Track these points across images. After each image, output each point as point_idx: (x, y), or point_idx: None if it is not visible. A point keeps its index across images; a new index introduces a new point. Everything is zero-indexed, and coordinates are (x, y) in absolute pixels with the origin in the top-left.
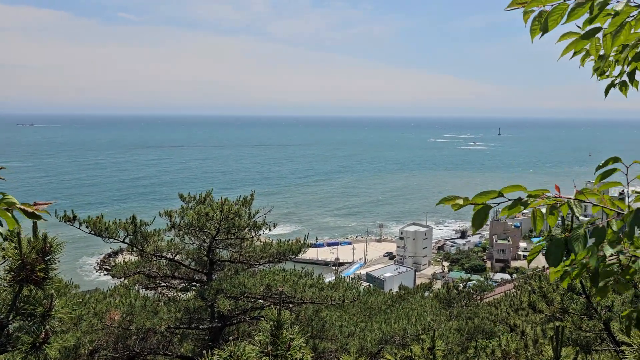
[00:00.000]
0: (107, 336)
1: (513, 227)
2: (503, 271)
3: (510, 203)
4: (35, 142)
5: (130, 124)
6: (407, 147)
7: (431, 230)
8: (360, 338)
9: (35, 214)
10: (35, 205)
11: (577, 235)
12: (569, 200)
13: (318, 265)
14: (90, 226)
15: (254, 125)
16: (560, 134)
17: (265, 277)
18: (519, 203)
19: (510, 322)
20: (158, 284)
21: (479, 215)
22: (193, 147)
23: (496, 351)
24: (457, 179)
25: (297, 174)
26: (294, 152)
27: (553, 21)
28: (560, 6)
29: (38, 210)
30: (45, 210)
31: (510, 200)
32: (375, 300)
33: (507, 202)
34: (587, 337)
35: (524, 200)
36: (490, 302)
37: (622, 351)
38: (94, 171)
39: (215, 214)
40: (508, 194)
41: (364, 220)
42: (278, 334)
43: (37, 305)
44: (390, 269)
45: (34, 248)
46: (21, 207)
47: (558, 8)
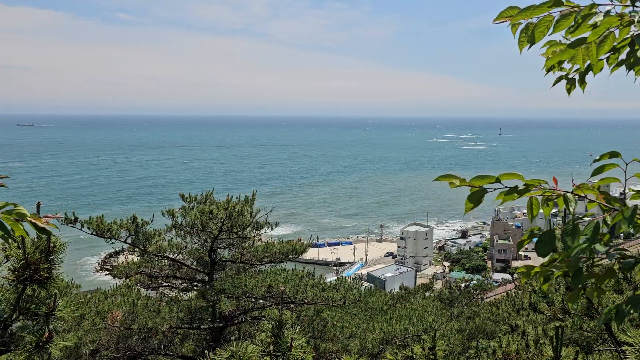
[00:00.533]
0: (108, 336)
1: (514, 227)
2: (504, 271)
3: (507, 190)
4: (36, 142)
5: (129, 125)
6: (408, 148)
7: (432, 231)
8: (361, 338)
9: (46, 229)
10: (44, 218)
11: (571, 229)
12: (565, 194)
13: (319, 265)
14: (92, 227)
15: (254, 126)
16: (561, 134)
17: (266, 277)
18: (515, 191)
19: (511, 322)
20: (160, 284)
21: (474, 197)
22: (194, 147)
23: (497, 351)
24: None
25: (298, 174)
26: (295, 152)
27: (540, 33)
28: (545, 18)
29: (48, 224)
30: (54, 225)
31: (507, 187)
32: (377, 301)
33: (503, 188)
34: (588, 337)
35: (520, 189)
36: (491, 302)
37: (623, 351)
38: (95, 172)
39: (219, 212)
40: (505, 181)
41: (365, 221)
42: (280, 334)
43: (41, 304)
44: (391, 269)
45: (37, 248)
46: (31, 220)
47: (544, 20)
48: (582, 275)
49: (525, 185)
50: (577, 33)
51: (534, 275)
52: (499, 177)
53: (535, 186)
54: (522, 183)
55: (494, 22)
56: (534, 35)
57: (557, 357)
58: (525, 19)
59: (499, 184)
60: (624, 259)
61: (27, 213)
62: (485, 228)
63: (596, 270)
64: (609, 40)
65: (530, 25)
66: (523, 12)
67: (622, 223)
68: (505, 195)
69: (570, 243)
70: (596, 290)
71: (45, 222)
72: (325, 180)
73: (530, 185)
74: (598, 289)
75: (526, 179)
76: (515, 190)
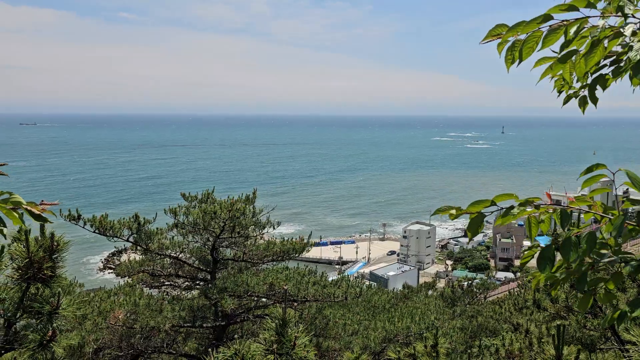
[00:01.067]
0: (111, 335)
1: (517, 226)
2: (507, 270)
3: (503, 212)
4: (39, 141)
5: (131, 124)
6: (412, 146)
7: (435, 229)
8: (363, 337)
9: (42, 217)
10: (41, 206)
11: (568, 242)
12: (558, 209)
13: (321, 264)
14: (95, 225)
15: (257, 125)
16: (565, 133)
17: (268, 275)
18: (509, 212)
19: (513, 320)
20: (162, 282)
21: (474, 223)
22: (197, 146)
23: (500, 350)
24: (461, 178)
25: (301, 173)
26: (298, 151)
27: (529, 49)
28: (534, 34)
29: (44, 211)
30: (51, 211)
31: (503, 208)
32: (379, 299)
33: (499, 210)
34: (591, 335)
35: (514, 210)
36: (494, 301)
37: (627, 350)
38: (99, 171)
39: (222, 212)
40: (500, 203)
41: (368, 219)
42: (283, 332)
43: (45, 303)
44: (394, 268)
45: (41, 246)
46: (27, 208)
47: (532, 36)
48: (588, 280)
49: (519, 205)
50: (567, 47)
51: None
52: (494, 199)
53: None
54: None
55: (482, 43)
56: (522, 51)
57: (559, 356)
58: (515, 36)
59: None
60: (628, 263)
61: (23, 201)
62: (488, 227)
63: (602, 275)
64: (599, 51)
65: (517, 43)
66: (513, 29)
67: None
68: (502, 217)
69: (568, 257)
70: (606, 295)
71: (42, 209)
72: (329, 179)
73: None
74: (609, 294)
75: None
76: (510, 211)
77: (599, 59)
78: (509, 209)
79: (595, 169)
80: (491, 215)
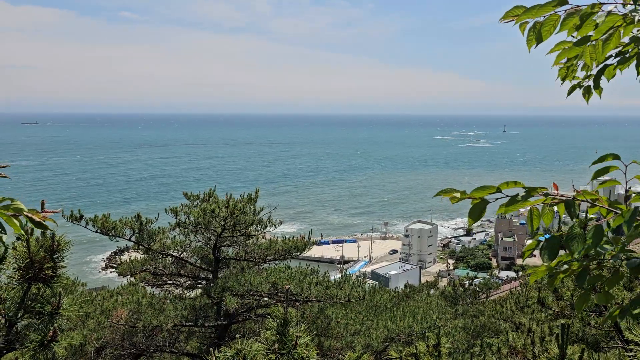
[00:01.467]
0: (113, 334)
1: (519, 225)
2: (509, 269)
3: (508, 200)
4: (41, 141)
5: (132, 123)
6: (414, 145)
7: (436, 228)
8: (365, 336)
9: (42, 224)
10: (42, 213)
11: (574, 233)
12: (568, 200)
13: (323, 262)
14: (97, 225)
15: (259, 124)
16: (567, 132)
17: (271, 274)
18: (516, 200)
19: (515, 320)
20: (164, 281)
21: (476, 209)
22: (199, 145)
23: (502, 349)
24: (464, 177)
25: (303, 172)
26: (301, 150)
27: (546, 32)
28: (552, 17)
29: (46, 218)
30: (52, 219)
31: (508, 196)
32: (381, 298)
33: (504, 197)
34: (595, 334)
35: (520, 198)
36: (495, 300)
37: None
38: (100, 170)
39: (221, 211)
40: (506, 190)
41: (370, 218)
42: (285, 331)
43: (46, 303)
44: (396, 267)
45: (42, 246)
46: (28, 215)
47: (550, 19)
48: (588, 276)
49: (527, 192)
50: (582, 32)
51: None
52: (499, 186)
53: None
54: (523, 190)
55: (501, 21)
56: (541, 33)
57: (562, 355)
58: (532, 18)
59: (500, 193)
60: (629, 260)
61: (25, 208)
62: (489, 225)
63: (604, 272)
64: (615, 38)
65: (537, 24)
66: (528, 12)
67: (623, 226)
68: (506, 206)
69: (574, 248)
70: (604, 295)
71: (43, 217)
72: (331, 178)
73: (531, 192)
74: (606, 294)
75: (526, 186)
76: (515, 199)
77: (614, 46)
78: (513, 198)
79: (608, 159)
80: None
